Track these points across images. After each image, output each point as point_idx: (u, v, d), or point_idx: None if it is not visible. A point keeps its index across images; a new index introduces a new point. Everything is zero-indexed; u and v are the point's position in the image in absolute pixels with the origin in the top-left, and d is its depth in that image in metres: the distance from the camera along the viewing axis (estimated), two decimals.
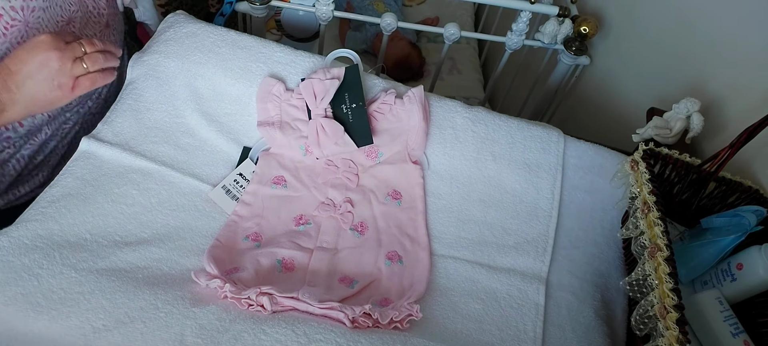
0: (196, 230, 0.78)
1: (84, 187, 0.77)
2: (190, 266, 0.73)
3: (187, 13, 0.97)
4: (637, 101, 1.21)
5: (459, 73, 1.86)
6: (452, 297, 0.77)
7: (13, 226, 0.71)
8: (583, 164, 0.93)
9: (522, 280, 0.81)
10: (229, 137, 0.88)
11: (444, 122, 0.92)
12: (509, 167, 0.90)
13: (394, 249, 0.81)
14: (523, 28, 1.28)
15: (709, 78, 1.03)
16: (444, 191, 0.89)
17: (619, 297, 0.84)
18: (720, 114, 1.00)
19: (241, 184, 0.84)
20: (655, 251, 0.70)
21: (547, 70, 1.42)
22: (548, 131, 0.94)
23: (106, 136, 0.83)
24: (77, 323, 0.64)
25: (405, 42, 1.77)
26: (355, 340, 0.64)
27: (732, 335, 0.75)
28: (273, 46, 0.94)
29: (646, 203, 0.75)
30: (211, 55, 0.90)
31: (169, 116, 0.88)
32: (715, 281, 0.82)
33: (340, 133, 0.86)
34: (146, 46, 0.92)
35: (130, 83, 0.89)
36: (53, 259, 0.69)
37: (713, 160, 0.81)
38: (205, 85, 0.90)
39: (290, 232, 0.81)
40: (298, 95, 0.88)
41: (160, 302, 0.66)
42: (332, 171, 0.87)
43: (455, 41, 1.28)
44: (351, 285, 0.76)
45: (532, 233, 0.86)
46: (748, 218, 0.78)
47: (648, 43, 1.20)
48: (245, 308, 0.68)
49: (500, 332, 0.75)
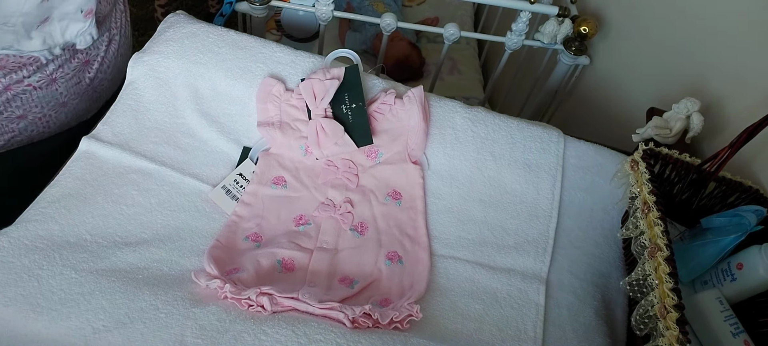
0: (196, 231, 0.78)
1: (84, 187, 0.77)
2: (190, 267, 0.73)
3: (187, 13, 0.97)
4: (637, 101, 1.21)
5: (459, 73, 1.86)
6: (452, 297, 0.77)
7: (13, 226, 0.71)
8: (583, 164, 0.93)
9: (522, 280, 0.81)
10: (229, 137, 0.88)
11: (444, 122, 0.92)
12: (509, 167, 0.90)
13: (394, 249, 0.81)
14: (522, 29, 1.28)
15: (709, 78, 1.03)
16: (444, 191, 0.89)
17: (619, 297, 0.84)
18: (720, 114, 1.00)
19: (241, 184, 0.84)
20: (655, 251, 0.70)
21: (547, 70, 1.42)
22: (548, 131, 0.94)
23: (106, 136, 0.83)
24: (77, 323, 0.64)
25: (405, 42, 1.76)
26: (355, 340, 0.64)
27: (732, 335, 0.75)
28: (273, 46, 0.94)
29: (646, 202, 0.75)
30: (211, 55, 0.90)
31: (169, 116, 0.88)
32: (715, 281, 0.82)
33: (340, 134, 0.86)
34: (146, 46, 0.92)
35: (130, 83, 0.89)
36: (53, 259, 0.69)
37: (713, 160, 0.81)
38: (205, 86, 0.90)
39: (290, 232, 0.81)
40: (298, 95, 0.88)
41: (160, 303, 0.66)
42: (332, 171, 0.87)
43: (455, 41, 1.28)
44: (351, 285, 0.76)
45: (532, 233, 0.86)
46: (748, 217, 0.78)
47: (648, 43, 1.20)
48: (245, 309, 0.68)
49: (500, 332, 0.75)
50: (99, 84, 1.00)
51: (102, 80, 1.00)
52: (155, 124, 0.87)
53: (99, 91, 1.01)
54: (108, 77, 1.02)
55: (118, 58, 1.03)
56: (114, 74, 1.03)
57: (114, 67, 1.02)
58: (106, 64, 0.99)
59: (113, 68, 1.02)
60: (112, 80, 1.04)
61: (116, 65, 1.03)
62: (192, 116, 0.88)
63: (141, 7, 2.27)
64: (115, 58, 1.02)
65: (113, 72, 1.03)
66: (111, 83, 1.04)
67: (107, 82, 1.03)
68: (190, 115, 0.88)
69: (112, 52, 1.00)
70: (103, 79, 1.01)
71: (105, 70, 1.00)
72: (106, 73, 1.01)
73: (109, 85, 1.03)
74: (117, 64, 1.03)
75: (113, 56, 1.01)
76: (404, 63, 1.74)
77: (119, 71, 1.04)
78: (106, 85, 1.02)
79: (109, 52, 0.99)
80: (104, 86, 1.02)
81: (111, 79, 1.03)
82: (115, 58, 1.02)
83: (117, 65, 1.03)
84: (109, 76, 1.02)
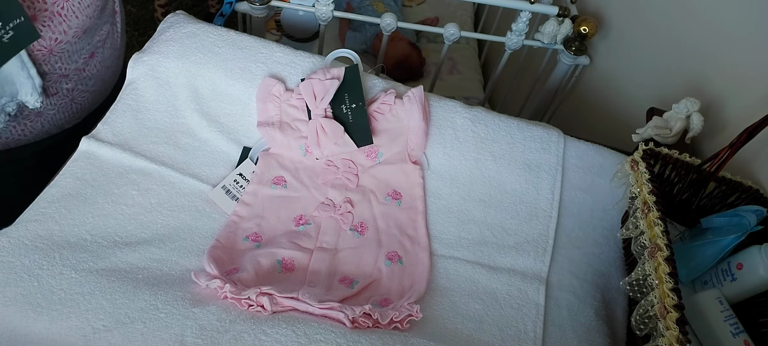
0: (196, 231, 0.78)
1: (84, 187, 0.77)
2: (190, 267, 0.73)
3: (187, 13, 0.97)
4: (637, 101, 1.21)
5: (459, 73, 1.86)
6: (452, 297, 0.77)
7: (13, 226, 0.71)
8: (583, 164, 0.93)
9: (522, 280, 0.81)
10: (229, 137, 0.88)
11: (444, 122, 0.92)
12: (509, 167, 0.90)
13: (394, 249, 0.81)
14: (522, 29, 1.28)
15: (710, 78, 1.03)
16: (444, 191, 0.89)
17: (619, 297, 0.84)
18: (720, 114, 1.00)
19: (241, 184, 0.84)
20: (655, 251, 0.70)
21: (547, 70, 1.42)
22: (548, 131, 0.94)
23: (106, 136, 0.83)
24: (77, 323, 0.64)
25: (405, 42, 1.77)
26: (355, 340, 0.64)
27: (732, 335, 0.75)
28: (273, 46, 0.94)
29: (646, 203, 0.75)
30: (211, 55, 0.90)
31: (169, 116, 0.88)
32: (715, 281, 0.82)
33: (340, 134, 0.86)
34: (146, 46, 0.92)
35: (130, 83, 0.89)
36: (53, 259, 0.69)
37: (713, 161, 0.81)
38: (205, 86, 0.90)
39: (290, 232, 0.81)
40: (298, 95, 0.88)
41: (160, 303, 0.66)
42: (332, 171, 0.87)
43: (455, 41, 1.28)
44: (351, 285, 0.76)
45: (532, 233, 0.86)
46: (748, 217, 0.78)
47: (648, 43, 1.20)
48: (245, 309, 0.68)
49: (500, 332, 0.75)
50: (79, 96, 0.96)
51: (80, 92, 0.96)
52: (155, 124, 0.87)
53: (77, 102, 0.97)
54: (90, 90, 0.98)
55: (102, 70, 0.99)
56: (97, 86, 0.99)
57: (97, 79, 0.98)
58: (84, 77, 0.95)
59: (97, 80, 0.98)
60: (93, 93, 0.99)
61: (99, 78, 0.99)
62: (192, 116, 0.88)
63: (141, 7, 2.27)
64: (98, 70, 0.98)
65: (96, 84, 0.99)
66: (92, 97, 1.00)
67: (88, 96, 0.99)
68: (190, 115, 0.88)
69: (91, 67, 0.96)
70: (83, 90, 0.97)
71: (83, 84, 0.96)
72: (86, 86, 0.97)
73: (91, 96, 0.99)
74: (101, 75, 0.99)
75: (95, 68, 0.97)
76: (404, 63, 1.74)
77: (103, 83, 1.00)
78: (86, 97, 0.98)
79: (90, 64, 0.95)
80: (85, 99, 0.98)
81: (92, 92, 0.99)
82: (98, 70, 0.98)
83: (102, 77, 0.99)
84: (92, 88, 0.98)
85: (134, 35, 2.19)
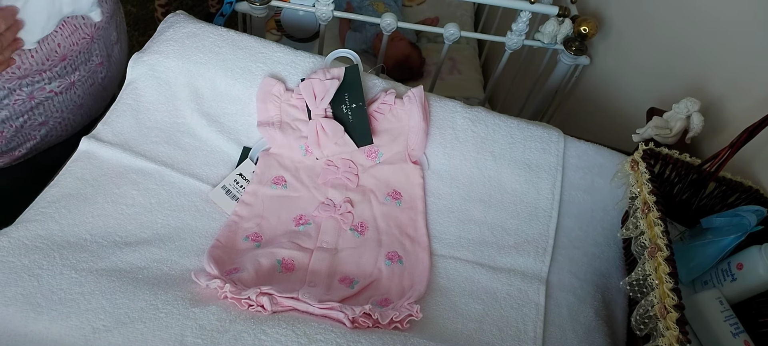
0: (196, 231, 0.78)
1: (84, 187, 0.77)
2: (190, 267, 0.73)
3: (187, 13, 0.97)
4: (637, 101, 1.21)
5: (459, 73, 1.86)
6: (452, 297, 0.77)
7: (13, 226, 0.71)
8: (583, 164, 0.93)
9: (522, 280, 0.81)
10: (229, 137, 0.88)
11: (444, 122, 0.92)
12: (509, 167, 0.90)
13: (394, 249, 0.81)
14: (523, 28, 1.28)
15: (709, 78, 1.03)
16: (444, 191, 0.89)
17: (619, 297, 0.84)
18: (720, 114, 1.00)
19: (241, 184, 0.84)
20: (655, 251, 0.70)
21: (547, 70, 1.42)
22: (548, 131, 0.94)
23: (106, 136, 0.83)
24: (77, 323, 0.64)
25: (405, 42, 1.77)
26: (355, 340, 0.64)
27: (732, 335, 0.75)
28: (273, 46, 0.94)
29: (646, 203, 0.75)
30: (211, 55, 0.90)
31: (169, 116, 0.88)
32: (715, 281, 0.82)
33: (340, 134, 0.86)
34: (146, 46, 0.92)
35: (130, 83, 0.89)
36: (53, 259, 0.69)
37: (713, 161, 0.81)
38: (205, 85, 0.90)
39: (290, 232, 0.81)
40: (298, 95, 0.88)
41: (160, 303, 0.66)
42: (332, 171, 0.87)
43: (455, 41, 1.28)
44: (351, 285, 0.76)
45: (532, 233, 0.86)
46: (748, 218, 0.78)
47: (648, 42, 1.20)
48: (245, 309, 0.68)
49: (500, 332, 0.75)
50: (108, 83, 1.04)
51: (111, 79, 1.04)
52: (155, 124, 0.87)
53: (108, 89, 1.05)
54: (115, 75, 1.06)
55: (122, 57, 1.07)
56: (119, 71, 1.08)
57: (119, 64, 1.06)
58: (113, 62, 1.03)
59: (118, 65, 1.06)
60: (117, 77, 1.08)
61: (121, 62, 1.07)
62: (192, 116, 0.88)
63: (141, 7, 2.27)
64: (120, 57, 1.06)
65: (118, 69, 1.07)
66: (116, 80, 1.09)
67: (115, 80, 1.07)
68: (190, 115, 0.89)
69: (117, 52, 1.03)
70: (112, 77, 1.05)
71: (113, 69, 1.04)
72: (114, 72, 1.05)
73: (116, 82, 1.08)
74: (121, 61, 1.07)
75: (118, 55, 1.04)
76: (404, 63, 1.74)
77: (122, 68, 1.09)
78: (114, 83, 1.07)
79: (115, 52, 1.02)
80: (113, 85, 1.07)
81: (116, 76, 1.08)
82: (120, 57, 1.06)
83: (122, 62, 1.07)
84: (116, 73, 1.06)
85: (134, 35, 2.18)
